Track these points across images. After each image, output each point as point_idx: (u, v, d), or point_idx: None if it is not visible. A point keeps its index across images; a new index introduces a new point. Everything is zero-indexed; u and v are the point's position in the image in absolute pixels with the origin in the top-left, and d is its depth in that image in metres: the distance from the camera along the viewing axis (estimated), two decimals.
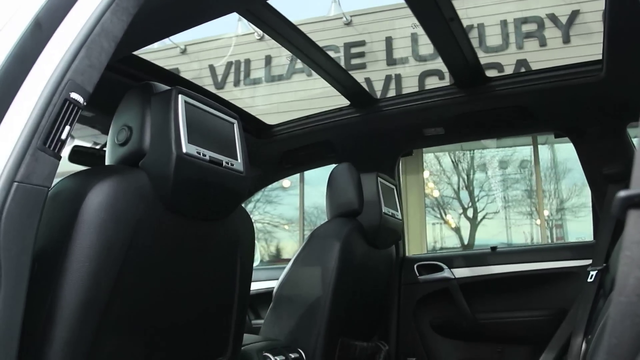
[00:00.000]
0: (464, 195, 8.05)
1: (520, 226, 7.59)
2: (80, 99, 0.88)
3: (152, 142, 1.07)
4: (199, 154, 1.09)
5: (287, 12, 1.68)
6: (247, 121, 2.32)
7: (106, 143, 1.17)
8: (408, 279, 2.42)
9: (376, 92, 6.80)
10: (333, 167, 2.10)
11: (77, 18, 0.91)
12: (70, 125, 0.86)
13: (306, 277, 1.87)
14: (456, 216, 8.05)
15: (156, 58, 2.60)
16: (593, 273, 1.84)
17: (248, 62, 7.85)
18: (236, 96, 7.43)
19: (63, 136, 0.85)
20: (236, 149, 1.22)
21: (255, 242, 1.43)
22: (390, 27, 7.18)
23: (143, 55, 1.74)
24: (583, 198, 7.01)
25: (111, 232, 0.97)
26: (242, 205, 1.35)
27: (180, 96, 1.09)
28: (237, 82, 7.86)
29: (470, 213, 7.98)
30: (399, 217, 2.20)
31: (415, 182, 7.21)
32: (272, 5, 1.62)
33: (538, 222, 7.40)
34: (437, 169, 8.06)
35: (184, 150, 1.06)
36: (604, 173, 2.07)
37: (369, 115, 2.32)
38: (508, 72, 5.79)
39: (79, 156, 1.70)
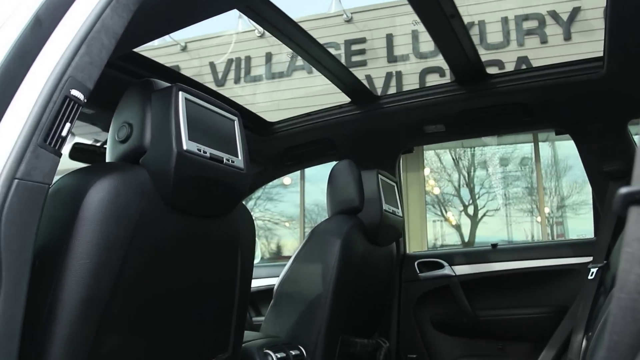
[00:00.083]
0: (465, 192, 8.04)
1: (520, 223, 7.59)
2: (80, 96, 0.88)
3: (153, 139, 1.07)
4: (200, 151, 1.09)
5: (288, 9, 1.67)
6: (248, 118, 2.32)
7: (107, 140, 1.17)
8: (409, 276, 2.42)
9: (377, 90, 6.80)
10: (334, 165, 2.10)
11: (78, 15, 0.91)
12: (70, 122, 0.86)
13: (307, 274, 1.87)
14: (457, 213, 8.05)
15: (157, 55, 2.60)
16: (594, 270, 1.84)
17: (249, 59, 7.85)
18: (237, 93, 7.42)
19: (64, 133, 0.85)
20: (237, 146, 1.22)
21: (255, 239, 1.43)
22: (390, 24, 7.17)
23: (143, 52, 1.73)
24: (584, 195, 7.01)
25: (112, 229, 0.97)
26: (243, 202, 1.36)
27: (180, 93, 1.09)
28: (238, 80, 7.86)
29: (470, 210, 7.98)
30: (400, 215, 2.20)
31: (416, 180, 7.22)
32: (273, 2, 1.62)
33: (539, 220, 7.40)
34: (438, 167, 8.06)
35: (185, 147, 1.06)
36: (605, 170, 2.07)
37: (370, 112, 2.32)
38: (509, 69, 5.79)
39: (80, 153, 1.70)
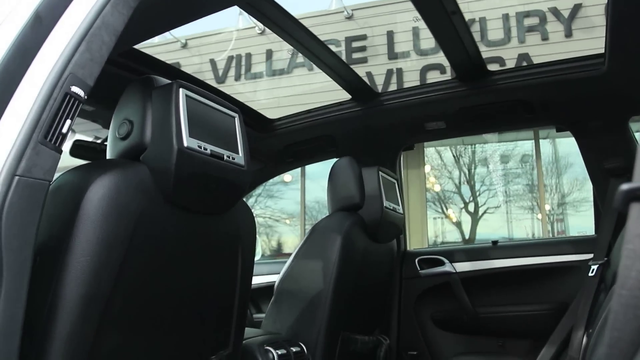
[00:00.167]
0: (465, 189, 8.04)
1: (521, 220, 7.59)
2: (81, 93, 0.88)
3: (153, 136, 1.07)
4: (200, 148, 1.09)
5: (288, 6, 1.67)
6: (248, 115, 2.32)
7: (107, 137, 1.17)
8: (409, 273, 2.42)
9: (377, 86, 6.79)
10: (334, 161, 2.10)
11: (78, 11, 0.91)
12: (71, 119, 0.86)
13: (307, 271, 1.87)
14: (457, 210, 8.04)
15: (157, 52, 2.60)
16: (594, 267, 1.84)
17: (249, 56, 7.84)
18: (237, 90, 7.42)
19: (64, 130, 0.85)
20: (237, 143, 1.22)
21: (256, 236, 1.43)
22: (391, 21, 7.16)
23: (144, 49, 1.73)
24: (584, 192, 7.00)
25: (112, 226, 0.97)
26: (244, 199, 1.36)
27: (181, 90, 1.09)
28: (238, 77, 7.85)
29: (471, 207, 7.97)
30: (400, 212, 2.20)
31: (416, 177, 7.21)
32: None
33: (539, 217, 7.40)
34: (439, 164, 8.06)
35: (185, 144, 1.06)
36: (606, 167, 2.07)
37: (370, 109, 2.32)
38: (510, 66, 5.78)
39: (80, 150, 1.70)
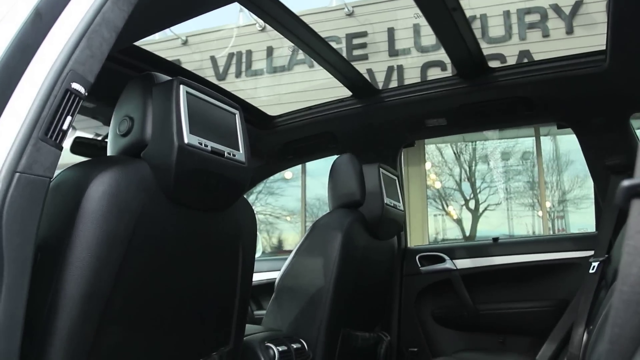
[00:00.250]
0: (466, 186, 8.03)
1: (522, 218, 7.58)
2: (81, 89, 0.88)
3: (154, 133, 1.07)
4: (201, 145, 1.09)
5: (289, 3, 1.66)
6: (249, 112, 2.32)
7: (108, 134, 1.17)
8: (410, 270, 2.42)
9: (378, 83, 6.78)
10: (335, 158, 2.10)
11: (78, 8, 0.91)
12: (71, 115, 0.86)
13: (308, 268, 1.87)
14: (458, 207, 8.04)
15: (157, 49, 2.60)
16: (595, 264, 1.84)
17: (250, 53, 7.82)
18: (238, 87, 7.41)
19: (64, 127, 0.85)
20: (238, 140, 1.22)
21: (257, 233, 1.44)
22: (392, 18, 7.14)
23: (144, 46, 1.73)
24: (585, 189, 6.99)
25: (113, 223, 0.97)
26: (244, 196, 1.36)
27: (181, 86, 1.09)
28: (239, 74, 7.84)
29: (472, 204, 7.97)
30: (401, 208, 2.20)
31: (417, 174, 7.21)
32: None
33: (540, 214, 7.39)
34: (439, 161, 8.05)
35: (186, 140, 1.06)
36: (607, 164, 2.06)
37: (371, 106, 2.32)
38: (511, 63, 5.76)
39: (81, 147, 1.70)
